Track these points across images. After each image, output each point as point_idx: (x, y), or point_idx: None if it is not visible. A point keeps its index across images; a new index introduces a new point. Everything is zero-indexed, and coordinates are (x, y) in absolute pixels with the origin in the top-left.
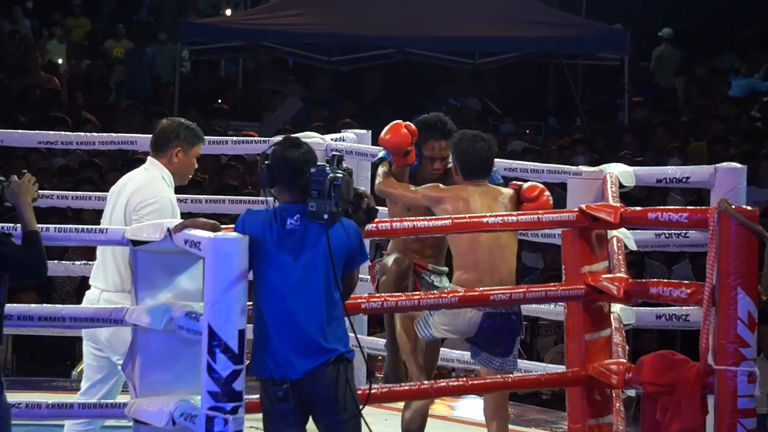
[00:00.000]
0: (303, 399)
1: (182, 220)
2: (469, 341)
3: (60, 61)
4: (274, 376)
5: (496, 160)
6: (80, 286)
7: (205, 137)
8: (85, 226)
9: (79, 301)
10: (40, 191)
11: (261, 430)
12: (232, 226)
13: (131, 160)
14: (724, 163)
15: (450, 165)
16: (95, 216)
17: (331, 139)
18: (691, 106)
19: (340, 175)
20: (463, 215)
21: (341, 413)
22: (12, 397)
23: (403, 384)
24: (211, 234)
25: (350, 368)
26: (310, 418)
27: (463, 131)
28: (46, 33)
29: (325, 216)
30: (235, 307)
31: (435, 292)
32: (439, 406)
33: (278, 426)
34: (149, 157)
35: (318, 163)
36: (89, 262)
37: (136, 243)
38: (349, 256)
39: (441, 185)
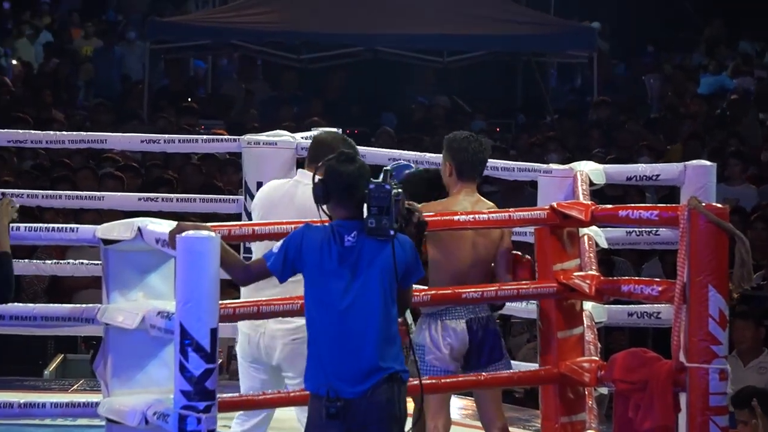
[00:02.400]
0: (354, 418)
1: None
2: (464, 366)
3: (28, 60)
4: (329, 393)
5: None
6: (49, 286)
7: (175, 136)
8: (55, 225)
9: (49, 301)
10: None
11: (229, 429)
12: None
13: (102, 159)
14: (694, 161)
15: None
16: (55, 215)
17: (302, 138)
18: (662, 103)
19: (401, 191)
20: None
21: None
22: None
23: None
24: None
25: (403, 389)
26: None
27: (453, 132)
28: (15, 32)
29: (391, 232)
30: (207, 305)
31: None
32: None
33: None
34: (300, 170)
35: (372, 179)
36: (59, 262)
37: (106, 242)
38: (406, 272)
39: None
